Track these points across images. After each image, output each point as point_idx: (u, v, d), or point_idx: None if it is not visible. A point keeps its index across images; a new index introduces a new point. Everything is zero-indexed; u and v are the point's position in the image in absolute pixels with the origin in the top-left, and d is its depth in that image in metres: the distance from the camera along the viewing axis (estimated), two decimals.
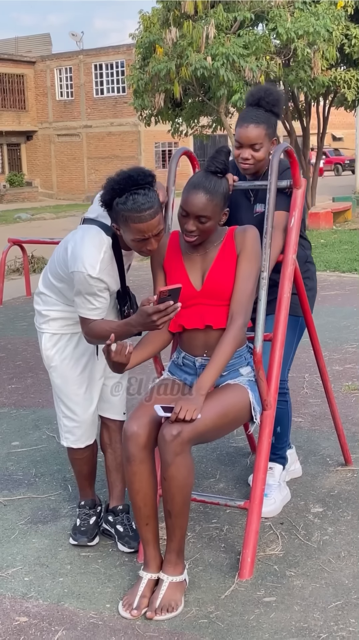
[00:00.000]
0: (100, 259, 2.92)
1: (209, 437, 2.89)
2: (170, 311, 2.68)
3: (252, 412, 2.96)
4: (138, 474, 2.82)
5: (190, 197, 2.83)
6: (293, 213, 3.28)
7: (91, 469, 3.43)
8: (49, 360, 3.27)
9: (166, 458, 2.71)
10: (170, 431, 2.69)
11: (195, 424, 2.70)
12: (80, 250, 2.94)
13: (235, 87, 14.30)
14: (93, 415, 3.31)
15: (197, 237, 2.87)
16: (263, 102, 3.34)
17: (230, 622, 2.70)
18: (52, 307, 3.23)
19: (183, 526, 2.82)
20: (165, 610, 2.74)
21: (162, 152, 34.82)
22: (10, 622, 2.77)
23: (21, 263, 11.01)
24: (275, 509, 3.52)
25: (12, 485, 3.96)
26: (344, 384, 5.33)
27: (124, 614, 2.77)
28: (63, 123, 35.83)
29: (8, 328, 7.91)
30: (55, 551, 3.27)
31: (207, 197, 2.82)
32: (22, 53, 37.25)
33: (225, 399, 2.85)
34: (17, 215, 25.01)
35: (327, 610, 2.75)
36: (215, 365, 2.81)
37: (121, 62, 33.34)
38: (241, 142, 3.34)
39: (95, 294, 2.95)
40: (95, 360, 3.25)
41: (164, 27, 15.12)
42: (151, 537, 2.90)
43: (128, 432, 2.81)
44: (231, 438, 4.37)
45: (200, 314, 2.93)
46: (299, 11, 14.46)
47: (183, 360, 3.05)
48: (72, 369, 3.24)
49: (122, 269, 3.08)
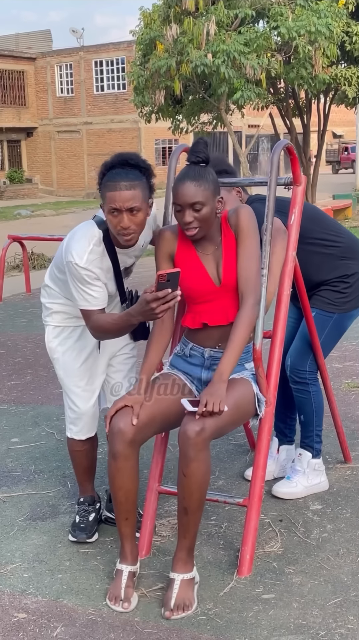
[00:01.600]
0: (88, 249, 2.94)
1: (224, 432, 2.89)
2: (169, 299, 2.65)
3: (256, 405, 2.96)
4: (122, 470, 2.83)
5: (178, 190, 2.84)
6: (293, 210, 3.28)
7: (90, 463, 3.43)
8: (52, 352, 3.32)
9: (189, 454, 2.69)
10: (193, 427, 2.68)
11: (216, 420, 2.70)
12: (71, 241, 3.00)
13: (236, 84, 14.28)
14: (93, 408, 3.32)
15: (197, 228, 2.85)
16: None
17: (229, 619, 2.71)
18: (55, 300, 3.27)
19: (197, 523, 2.82)
20: (180, 609, 2.74)
21: (162, 149, 34.80)
22: (9, 618, 2.77)
23: (21, 260, 11.01)
24: (294, 492, 3.59)
25: (11, 482, 3.96)
26: (343, 382, 5.33)
27: (116, 608, 2.78)
28: (63, 119, 35.81)
29: (7, 325, 7.91)
30: (54, 548, 3.27)
31: (194, 183, 2.82)
32: (22, 49, 37.21)
33: (236, 393, 2.85)
34: (17, 211, 25.00)
35: (326, 607, 2.76)
36: (233, 349, 2.80)
37: (121, 59, 33.31)
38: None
39: (87, 283, 2.96)
40: (97, 354, 3.26)
41: (165, 23, 15.09)
42: (129, 531, 2.91)
43: (114, 429, 2.81)
44: (230, 435, 4.37)
45: (223, 309, 2.93)
46: (300, 8, 14.43)
47: (190, 351, 3.04)
48: (73, 361, 3.26)
49: (117, 266, 3.07)
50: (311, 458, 3.66)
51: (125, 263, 3.15)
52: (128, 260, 3.17)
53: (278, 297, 3.22)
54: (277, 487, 3.63)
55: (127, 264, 3.17)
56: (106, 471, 3.72)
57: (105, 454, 4.12)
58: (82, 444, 3.37)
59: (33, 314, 8.22)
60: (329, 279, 3.55)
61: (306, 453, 3.66)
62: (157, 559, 3.12)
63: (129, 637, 2.63)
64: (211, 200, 2.85)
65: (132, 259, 3.19)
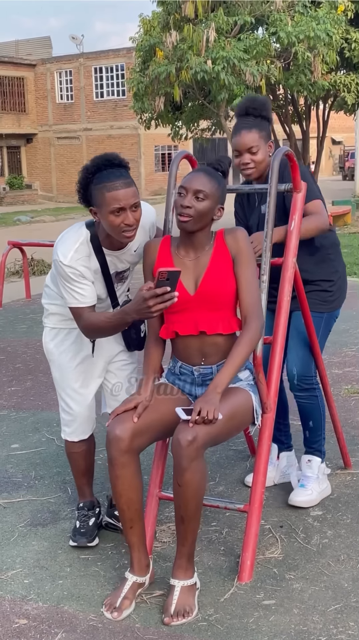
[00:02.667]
0: (74, 248, 2.97)
1: (219, 440, 2.88)
2: (166, 298, 2.66)
3: (254, 414, 2.96)
4: (120, 477, 2.82)
5: (190, 176, 2.89)
6: (293, 217, 3.29)
7: (88, 466, 3.44)
8: (48, 354, 3.34)
9: (182, 464, 2.69)
10: (185, 436, 2.67)
11: (209, 429, 2.70)
12: (59, 240, 3.04)
13: (236, 91, 14.32)
14: (88, 411, 3.33)
15: (192, 217, 2.85)
16: (250, 110, 3.48)
17: (229, 625, 2.71)
18: (53, 300, 3.29)
19: (195, 530, 2.82)
20: (180, 616, 2.74)
21: (162, 155, 34.85)
22: (9, 624, 2.77)
23: (21, 265, 11.02)
24: (312, 500, 3.58)
25: (12, 488, 3.96)
26: (343, 388, 5.34)
27: (106, 615, 2.77)
28: (63, 126, 35.87)
29: (8, 330, 7.91)
30: (54, 554, 3.27)
31: (206, 176, 2.88)
32: (22, 56, 37.29)
33: (231, 402, 2.84)
34: (16, 217, 25.02)
35: (326, 613, 2.76)
36: (232, 365, 2.82)
37: (121, 65, 33.39)
38: (239, 149, 3.46)
39: (73, 281, 2.97)
40: (92, 357, 3.27)
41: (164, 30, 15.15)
42: (136, 540, 2.89)
43: (110, 436, 2.80)
44: (230, 441, 4.37)
45: (193, 319, 2.92)
46: (299, 15, 14.48)
47: (180, 369, 3.04)
48: (68, 362, 3.27)
49: (106, 268, 3.06)
50: (320, 463, 3.67)
51: (116, 267, 3.14)
52: (120, 265, 3.15)
53: (279, 303, 3.23)
54: (295, 497, 3.59)
55: (118, 268, 3.15)
56: (106, 477, 3.72)
57: (104, 460, 4.13)
58: (79, 446, 3.38)
59: (33, 320, 8.23)
60: (315, 279, 3.58)
61: (315, 459, 3.67)
62: (158, 565, 3.12)
63: None
64: (213, 201, 2.86)
65: (124, 263, 3.17)
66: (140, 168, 33.25)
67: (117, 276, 3.17)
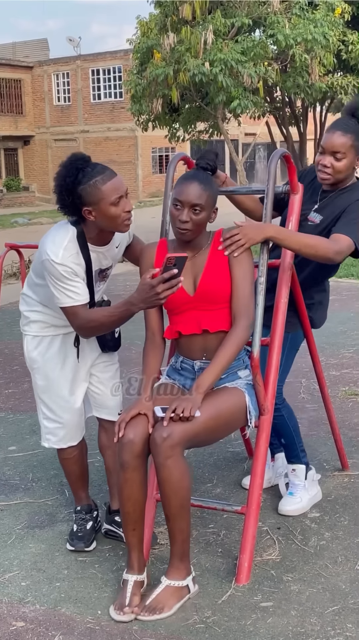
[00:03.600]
0: (63, 245, 2.95)
1: (203, 440, 2.89)
2: (174, 284, 2.67)
3: (248, 416, 2.96)
4: (130, 481, 2.82)
5: (184, 187, 2.86)
6: (290, 218, 3.29)
7: (81, 470, 3.43)
8: (31, 362, 3.29)
9: (158, 461, 2.72)
10: (160, 434, 2.69)
11: (186, 427, 2.70)
12: (46, 240, 3.01)
13: (233, 93, 14.32)
14: (77, 417, 3.31)
15: (190, 230, 2.86)
16: (358, 113, 3.26)
17: (227, 627, 2.70)
18: (32, 307, 3.25)
19: (184, 530, 2.82)
20: (150, 611, 2.75)
21: (159, 157, 34.83)
22: (7, 627, 2.76)
23: (18, 268, 11.00)
24: (302, 507, 3.55)
25: (9, 490, 3.96)
26: (341, 389, 5.34)
27: (117, 617, 2.76)
28: (60, 128, 35.85)
29: (5, 333, 7.90)
30: (52, 556, 3.26)
31: (201, 186, 2.85)
32: (19, 58, 37.25)
33: (218, 402, 2.85)
34: (14, 220, 25.00)
35: (324, 615, 2.75)
36: (217, 366, 2.83)
37: (118, 68, 33.37)
38: (324, 148, 3.26)
39: (66, 279, 2.95)
40: (77, 363, 3.26)
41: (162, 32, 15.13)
42: (136, 541, 2.90)
43: (124, 440, 2.80)
44: (228, 443, 4.37)
45: (195, 319, 2.93)
46: (297, 17, 14.49)
47: (181, 364, 3.05)
48: (54, 370, 3.25)
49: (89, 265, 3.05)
50: (306, 470, 3.63)
51: (101, 264, 3.13)
52: (104, 262, 3.14)
53: (276, 305, 3.23)
54: (283, 506, 3.56)
55: (102, 265, 3.14)
56: (103, 480, 3.72)
57: (101, 463, 4.12)
58: (70, 451, 3.36)
59: None
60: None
61: (299, 466, 3.61)
62: (155, 567, 3.11)
63: None
64: (209, 208, 2.88)
65: (108, 260, 3.16)
66: (138, 170, 33.24)
67: (100, 274, 3.15)
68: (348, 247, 3.13)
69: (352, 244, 3.14)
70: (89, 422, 3.48)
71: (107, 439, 3.38)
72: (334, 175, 3.27)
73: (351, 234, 3.14)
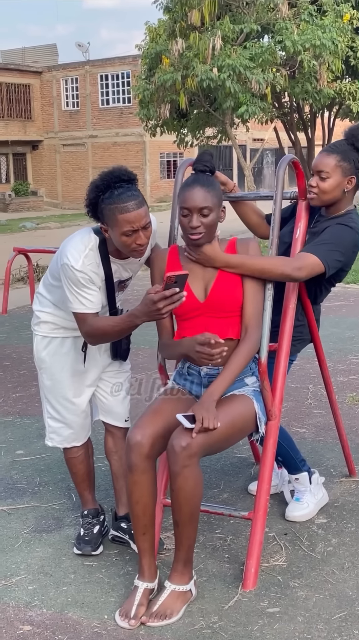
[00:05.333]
0: (84, 253, 2.97)
1: (217, 449, 2.89)
2: (175, 299, 2.70)
3: (257, 422, 2.96)
4: (139, 483, 2.82)
5: (187, 194, 2.87)
6: (298, 224, 3.29)
7: (87, 470, 3.44)
8: (40, 362, 3.32)
9: (174, 469, 2.71)
10: (179, 442, 2.69)
11: (204, 437, 2.71)
12: (67, 244, 3.02)
13: (241, 99, 14.36)
14: (82, 418, 3.33)
15: (202, 234, 2.88)
16: (348, 134, 3.23)
17: (234, 632, 2.70)
18: (44, 308, 3.27)
19: (191, 536, 2.82)
20: (158, 617, 2.75)
21: (167, 162, 34.88)
22: (14, 630, 2.77)
23: (26, 272, 11.03)
24: (309, 512, 3.55)
25: (16, 494, 3.96)
26: (348, 395, 5.33)
27: (122, 624, 2.76)
28: (68, 133, 35.94)
29: (13, 337, 7.92)
30: (59, 560, 3.27)
31: (204, 189, 2.86)
32: (28, 63, 37.37)
33: (232, 410, 2.85)
34: (22, 224, 25.05)
35: (331, 621, 2.75)
36: (228, 375, 2.85)
37: (127, 73, 33.45)
38: (312, 169, 3.25)
39: (83, 286, 2.97)
40: (84, 367, 3.27)
41: (170, 38, 15.19)
42: (147, 546, 2.90)
43: (131, 442, 2.81)
44: (235, 448, 4.37)
45: (204, 325, 2.94)
46: (305, 23, 14.52)
47: (188, 370, 3.06)
48: (61, 372, 3.27)
49: (110, 276, 3.07)
50: (308, 476, 3.61)
51: (121, 276, 3.15)
52: (124, 274, 3.16)
53: (284, 310, 3.23)
54: (291, 512, 3.55)
55: (122, 277, 3.16)
56: (110, 484, 3.73)
57: (108, 468, 4.13)
58: (75, 451, 3.38)
59: None
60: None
61: (302, 474, 3.59)
62: (162, 571, 3.11)
63: None
64: (217, 208, 2.89)
65: (128, 272, 3.18)
66: (146, 175, 33.28)
67: (119, 285, 3.17)
68: (312, 264, 3.03)
69: (317, 261, 3.04)
70: (96, 427, 3.49)
71: (114, 444, 3.39)
72: (320, 196, 3.21)
73: (318, 253, 3.05)
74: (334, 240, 3.12)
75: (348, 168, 3.17)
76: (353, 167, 3.18)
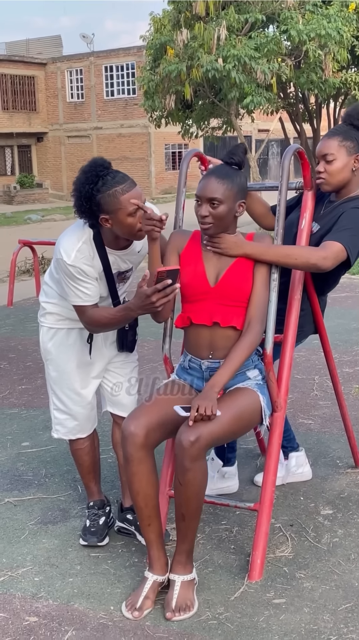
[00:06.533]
0: (77, 247, 2.98)
1: (224, 441, 2.90)
2: (169, 292, 2.73)
3: (263, 415, 2.96)
4: (137, 474, 2.82)
5: (202, 184, 2.89)
6: (304, 215, 3.28)
7: (92, 461, 3.44)
8: (46, 353, 3.33)
9: (184, 464, 2.70)
10: (187, 437, 2.68)
11: (212, 429, 2.70)
12: (61, 239, 3.04)
13: (246, 89, 14.30)
14: (87, 410, 3.33)
15: (211, 224, 2.88)
16: (345, 117, 3.24)
17: (240, 623, 2.70)
18: (50, 299, 3.28)
19: (195, 528, 2.83)
20: (182, 611, 2.75)
21: (172, 153, 34.82)
22: (20, 622, 2.78)
23: (31, 264, 11.04)
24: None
25: (22, 486, 3.97)
26: (354, 386, 5.32)
27: (127, 615, 2.77)
28: (73, 125, 35.89)
29: (18, 329, 7.93)
30: (65, 551, 3.28)
31: (218, 180, 2.86)
32: (33, 55, 37.30)
33: (238, 403, 2.85)
34: (27, 216, 25.06)
35: (337, 612, 2.75)
36: (230, 366, 2.83)
37: (131, 64, 33.36)
38: (317, 156, 3.25)
39: (77, 279, 2.99)
40: (90, 358, 3.27)
41: (175, 28, 15.13)
42: (154, 537, 2.90)
43: (125, 432, 2.81)
44: (241, 440, 4.36)
45: (209, 310, 2.94)
46: (310, 13, 14.45)
47: (189, 363, 3.05)
48: (67, 363, 3.27)
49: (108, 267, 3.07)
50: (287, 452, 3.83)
51: (119, 267, 3.14)
52: (123, 265, 3.15)
53: (289, 301, 3.22)
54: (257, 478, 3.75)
55: (121, 268, 3.15)
56: (115, 476, 3.73)
57: (113, 460, 4.13)
58: (81, 442, 3.39)
59: None
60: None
61: None
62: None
63: None
64: (230, 201, 2.87)
65: (126, 264, 3.17)
66: (151, 166, 33.23)
67: (119, 276, 3.17)
68: (337, 253, 3.01)
69: (342, 249, 3.02)
70: (103, 419, 3.49)
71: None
72: (329, 179, 3.21)
73: (341, 240, 3.03)
74: (354, 224, 3.11)
75: (352, 146, 3.18)
76: (357, 145, 3.19)
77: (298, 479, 3.84)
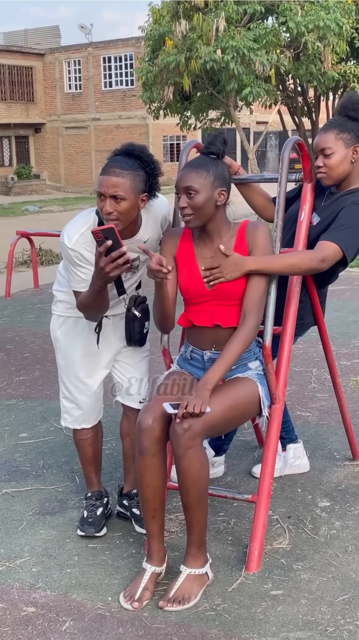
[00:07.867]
0: (80, 232, 2.99)
1: (219, 430, 2.90)
2: (115, 256, 2.68)
3: (261, 406, 2.96)
4: (149, 467, 2.82)
5: (178, 176, 2.88)
6: (303, 207, 3.28)
7: (94, 452, 3.44)
8: (55, 341, 3.36)
9: (178, 452, 2.71)
10: (181, 425, 2.69)
11: (205, 417, 2.70)
12: (68, 224, 3.07)
13: (245, 81, 14.26)
14: (93, 400, 3.33)
15: (191, 214, 2.83)
16: (340, 109, 3.23)
17: (237, 614, 2.71)
18: (61, 288, 3.30)
19: (201, 519, 2.82)
20: (177, 602, 2.75)
21: (170, 145, 34.77)
22: (18, 612, 2.78)
23: (29, 255, 11.02)
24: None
25: (20, 477, 3.97)
26: (352, 379, 5.33)
27: (125, 605, 2.77)
28: (71, 116, 35.80)
29: (16, 320, 7.92)
30: (62, 542, 3.28)
31: (192, 170, 2.84)
32: (31, 45, 37.17)
33: (234, 392, 2.85)
34: (25, 207, 25.01)
35: (334, 604, 2.76)
36: (224, 362, 2.82)
37: (130, 55, 33.28)
38: (315, 151, 3.24)
39: (76, 264, 3.00)
40: (97, 348, 3.27)
41: (174, 19, 15.08)
42: (156, 529, 2.90)
43: (142, 426, 2.80)
44: (238, 431, 4.36)
45: (209, 312, 2.93)
46: (309, 5, 14.40)
47: (191, 354, 3.05)
48: (74, 351, 3.28)
49: None
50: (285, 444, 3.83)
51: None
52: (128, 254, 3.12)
53: (288, 294, 3.22)
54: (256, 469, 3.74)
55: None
56: (114, 467, 3.74)
57: (113, 450, 4.14)
58: (85, 433, 3.39)
59: (41, 310, 8.23)
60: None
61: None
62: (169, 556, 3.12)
63: (138, 632, 2.64)
64: (207, 190, 2.82)
65: (130, 252, 3.14)
66: None
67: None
68: (334, 254, 3.04)
69: (338, 250, 3.04)
70: (105, 409, 3.48)
71: (128, 427, 3.39)
72: (330, 173, 3.20)
73: (338, 241, 3.05)
74: (352, 222, 3.11)
75: (349, 138, 3.17)
76: (354, 136, 3.18)
77: (296, 471, 3.85)
